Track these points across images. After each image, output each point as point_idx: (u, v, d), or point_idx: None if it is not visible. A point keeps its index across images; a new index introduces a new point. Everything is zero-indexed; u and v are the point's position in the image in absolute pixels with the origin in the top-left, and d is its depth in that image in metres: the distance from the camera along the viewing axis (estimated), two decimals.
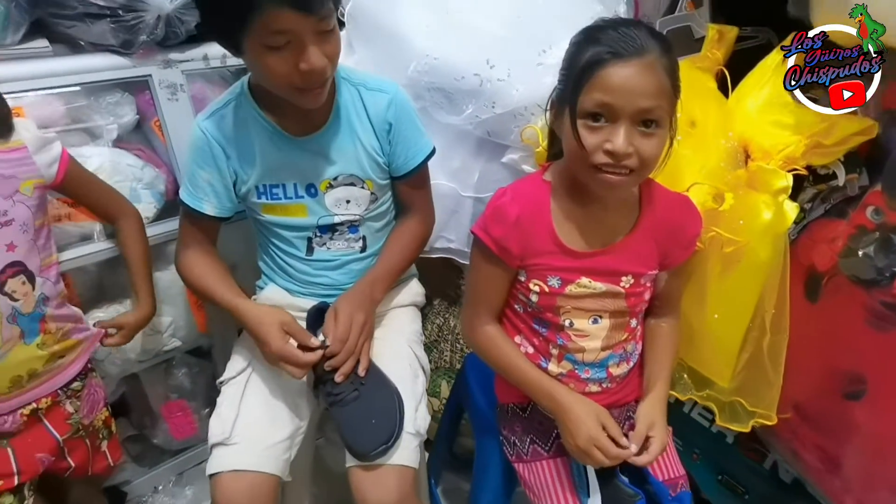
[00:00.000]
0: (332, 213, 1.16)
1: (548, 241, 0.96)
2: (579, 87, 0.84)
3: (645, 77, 0.82)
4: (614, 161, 0.84)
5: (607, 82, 0.82)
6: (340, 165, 1.13)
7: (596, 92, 0.83)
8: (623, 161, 0.84)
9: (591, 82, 0.83)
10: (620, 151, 0.83)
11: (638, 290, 0.99)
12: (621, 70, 0.82)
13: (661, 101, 0.84)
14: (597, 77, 0.83)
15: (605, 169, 0.86)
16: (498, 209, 0.96)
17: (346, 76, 1.13)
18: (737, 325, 1.05)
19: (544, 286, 0.98)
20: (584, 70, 0.84)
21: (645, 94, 0.82)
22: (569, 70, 0.88)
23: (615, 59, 0.82)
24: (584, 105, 0.84)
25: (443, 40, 1.14)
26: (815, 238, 1.03)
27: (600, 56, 0.83)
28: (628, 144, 0.83)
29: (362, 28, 1.27)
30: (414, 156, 1.16)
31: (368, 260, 1.21)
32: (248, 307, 1.08)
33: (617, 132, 0.83)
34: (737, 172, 1.03)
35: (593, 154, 0.85)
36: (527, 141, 1.13)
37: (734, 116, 1.06)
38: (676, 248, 1.00)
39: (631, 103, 0.82)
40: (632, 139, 0.84)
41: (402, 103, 1.13)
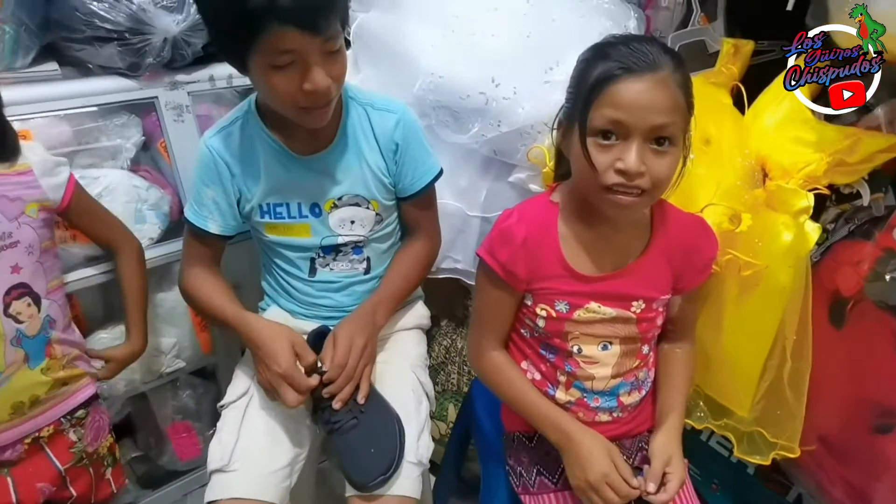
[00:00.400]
0: (336, 234, 1.12)
1: (555, 264, 0.92)
2: (589, 103, 0.80)
3: (657, 93, 0.78)
4: (626, 181, 0.80)
5: (618, 98, 0.78)
6: (345, 185, 1.10)
7: (606, 108, 0.79)
8: (635, 181, 0.80)
9: (601, 98, 0.79)
10: (632, 170, 0.79)
11: (650, 316, 0.94)
12: (633, 85, 0.77)
13: (674, 117, 0.79)
14: (607, 93, 0.78)
15: (615, 189, 0.81)
16: (504, 231, 0.92)
17: (353, 95, 1.10)
18: (756, 352, 0.99)
19: (551, 311, 0.93)
20: (595, 86, 0.79)
21: (658, 111, 0.78)
22: (578, 87, 0.84)
23: (626, 75, 0.78)
24: (595, 122, 0.80)
25: (448, 58, 1.11)
26: (839, 261, 0.97)
27: (611, 72, 0.78)
28: (640, 163, 0.79)
29: (368, 47, 1.25)
30: (421, 177, 1.12)
31: (373, 282, 1.17)
32: (259, 322, 1.05)
33: (628, 150, 0.79)
34: (754, 192, 0.97)
35: (604, 173, 0.81)
36: (533, 160, 1.09)
37: (751, 133, 1.00)
38: (691, 272, 0.95)
39: (643, 120, 0.78)
40: (644, 158, 0.79)
41: (409, 123, 1.10)
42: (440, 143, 1.19)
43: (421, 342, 1.21)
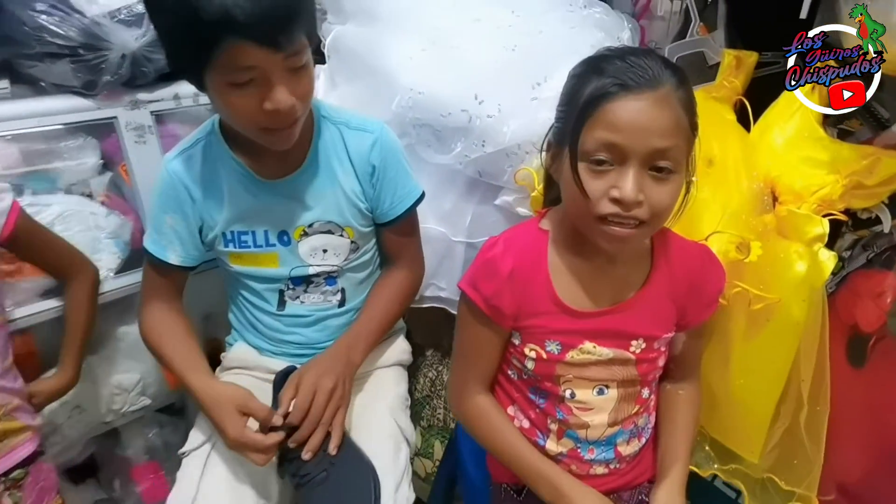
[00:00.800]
0: (307, 264, 1.02)
1: (545, 299, 0.82)
2: (581, 124, 0.71)
3: (658, 112, 0.68)
4: (621, 211, 0.70)
5: (614, 118, 0.68)
6: (317, 211, 1.00)
7: (600, 130, 0.69)
8: (631, 211, 0.70)
9: (594, 118, 0.69)
10: (629, 199, 0.69)
11: (651, 356, 0.84)
12: (631, 104, 0.68)
13: (676, 140, 0.70)
14: (601, 112, 0.69)
15: (610, 220, 0.71)
16: (488, 262, 0.82)
17: (326, 114, 1.01)
18: (768, 394, 0.89)
19: (541, 351, 0.83)
20: (587, 105, 0.70)
21: (658, 133, 0.68)
22: (568, 105, 0.75)
23: (623, 92, 0.68)
24: (587, 145, 0.71)
25: (428, 73, 1.01)
26: (857, 292, 0.87)
27: (605, 88, 0.69)
28: (638, 191, 0.69)
29: (345, 62, 1.16)
30: (400, 201, 1.02)
31: (348, 315, 1.07)
32: (201, 386, 0.93)
33: (625, 177, 0.69)
34: (763, 218, 0.87)
35: (597, 203, 0.71)
36: (521, 183, 0.99)
37: (758, 153, 0.91)
38: (696, 307, 0.85)
39: (642, 143, 0.68)
40: (642, 185, 0.69)
41: (387, 144, 1.00)
42: (422, 163, 1.09)
43: (401, 380, 1.11)
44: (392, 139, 1.01)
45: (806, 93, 0.88)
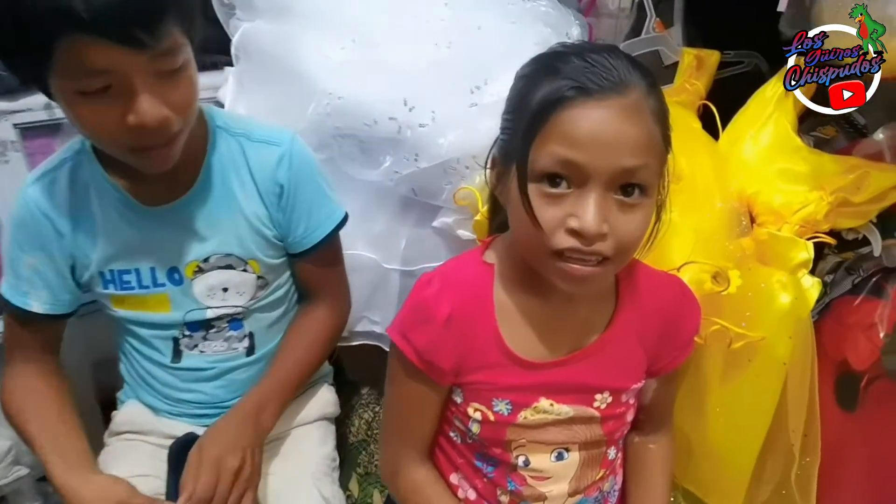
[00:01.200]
0: (204, 306, 0.83)
1: (492, 348, 0.66)
2: (530, 137, 0.56)
3: (626, 123, 0.54)
4: (581, 245, 0.55)
5: (572, 130, 0.54)
6: (213, 243, 0.81)
7: (555, 144, 0.55)
8: (594, 245, 0.55)
9: (547, 130, 0.55)
10: (590, 231, 0.54)
11: (618, 411, 0.70)
12: (592, 113, 0.54)
13: (648, 157, 0.55)
14: (556, 122, 0.55)
15: (567, 255, 0.57)
16: (420, 306, 0.66)
17: (224, 125, 0.82)
18: (749, 441, 0.76)
19: (488, 412, 0.67)
20: (538, 113, 0.55)
21: (626, 149, 0.54)
22: (515, 114, 0.60)
23: (583, 98, 0.54)
24: (538, 163, 0.56)
25: (349, 75, 0.84)
26: (845, 324, 0.76)
27: (561, 92, 0.54)
28: (601, 221, 0.55)
29: (255, 63, 0.97)
30: (317, 226, 0.85)
31: (258, 366, 0.88)
32: (70, 485, 0.72)
33: (585, 203, 0.55)
34: (741, 242, 0.75)
35: (552, 234, 0.56)
36: (461, 203, 0.84)
37: (729, 166, 0.79)
38: (669, 350, 0.71)
39: (606, 161, 0.54)
40: (607, 213, 0.55)
41: (299, 158, 0.83)
42: (347, 180, 0.92)
43: (327, 438, 0.92)
44: (304, 152, 0.84)
45: (782, 99, 0.77)
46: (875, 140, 0.77)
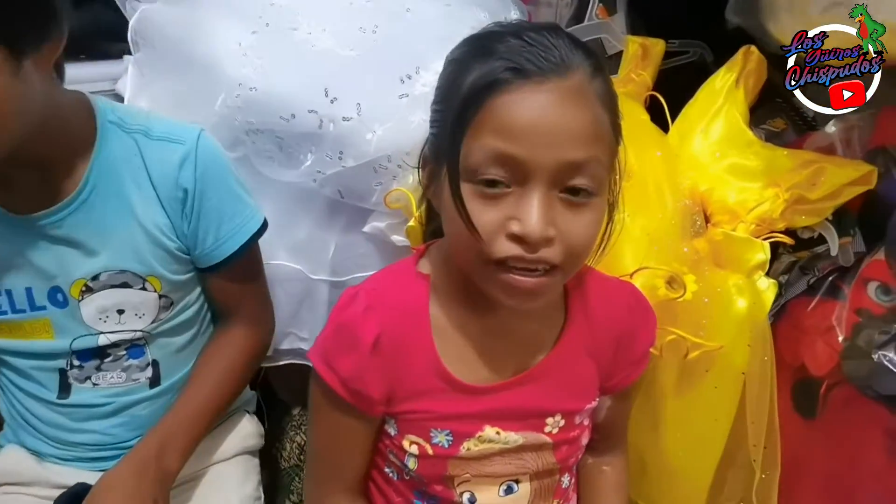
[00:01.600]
0: (96, 331, 0.71)
1: (428, 372, 0.57)
2: (462, 128, 0.48)
3: (570, 110, 0.47)
4: (525, 252, 0.48)
5: (508, 119, 0.46)
6: (104, 257, 0.69)
7: (489, 136, 0.47)
8: (539, 252, 0.48)
9: (480, 120, 0.47)
10: (534, 235, 0.47)
11: (572, 435, 0.62)
12: (531, 98, 0.46)
13: (596, 149, 0.48)
14: (490, 110, 0.47)
15: (510, 265, 0.49)
16: (344, 327, 0.56)
17: (116, 119, 0.70)
18: (706, 456, 0.71)
19: (426, 445, 0.58)
20: (469, 100, 0.47)
21: (571, 139, 0.47)
22: (445, 104, 0.52)
23: (520, 80, 0.46)
24: (472, 159, 0.48)
25: (262, 64, 0.73)
26: (801, 327, 0.71)
27: (494, 75, 0.47)
28: (547, 224, 0.47)
29: (156, 51, 0.85)
30: (230, 236, 0.73)
31: (165, 398, 0.76)
32: None
33: (527, 204, 0.47)
34: (694, 243, 0.69)
35: (490, 241, 0.48)
36: (393, 206, 0.75)
37: (680, 161, 0.73)
38: (624, 364, 0.64)
39: (549, 154, 0.46)
40: (552, 215, 0.47)
41: (205, 158, 0.71)
42: (265, 181, 0.81)
43: (249, 475, 0.80)
44: (212, 151, 0.72)
45: (731, 90, 0.72)
46: (826, 133, 0.73)
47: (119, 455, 0.72)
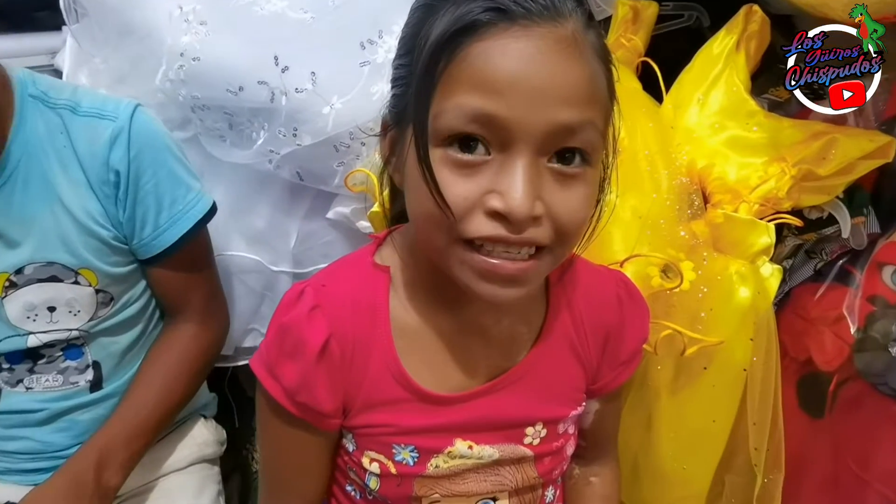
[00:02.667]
0: (24, 331, 0.62)
1: (388, 380, 0.48)
2: (430, 83, 0.38)
3: (565, 62, 0.38)
4: (507, 232, 0.38)
5: (488, 70, 0.37)
6: (27, 248, 0.60)
7: (465, 92, 0.37)
8: (524, 232, 0.39)
9: (453, 72, 0.38)
10: (519, 212, 0.38)
11: (555, 445, 0.53)
12: (516, 46, 0.37)
13: (591, 110, 0.39)
14: (466, 60, 0.37)
15: (487, 249, 0.40)
16: (288, 330, 0.47)
17: (39, 93, 0.60)
18: (704, 460, 0.63)
19: (388, 463, 0.50)
20: (440, 48, 0.38)
21: (567, 98, 0.37)
22: (410, 55, 0.41)
23: (504, 23, 0.37)
24: (444, 120, 0.38)
25: (205, 30, 0.63)
26: (807, 317, 0.63)
27: (472, 16, 0.37)
28: (534, 198, 0.38)
29: (93, 21, 0.74)
30: (171, 223, 0.64)
31: (109, 402, 0.67)
32: None
33: (510, 173, 0.38)
34: (691, 226, 0.60)
35: (464, 218, 0.39)
36: (356, 190, 0.65)
37: (676, 134, 0.64)
38: (612, 363, 0.55)
39: (538, 114, 0.37)
40: (539, 188, 0.38)
41: (140, 136, 0.61)
42: (219, 163, 0.72)
43: (206, 485, 0.71)
44: (149, 128, 0.62)
45: (732, 54, 0.62)
46: None
47: (56, 465, 0.64)
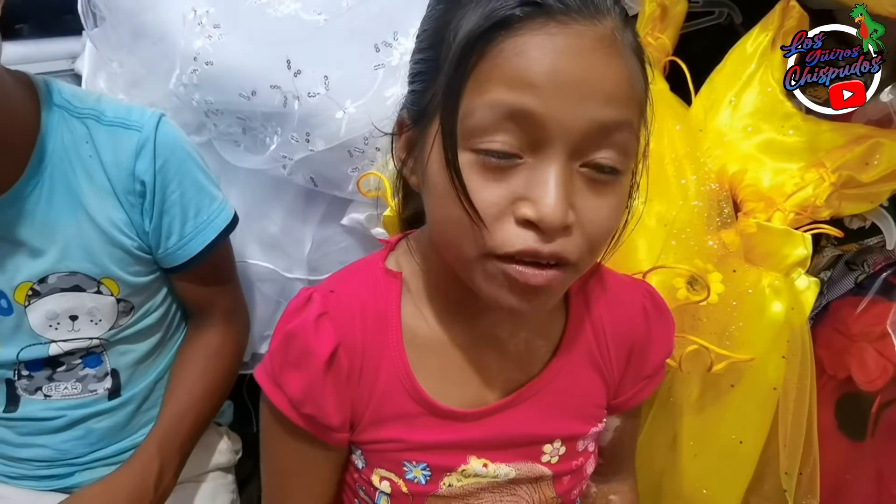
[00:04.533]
0: (46, 339, 0.64)
1: (399, 393, 0.48)
2: (461, 80, 0.37)
3: (605, 59, 0.36)
4: (539, 243, 0.37)
5: (526, 65, 0.36)
6: (51, 257, 0.62)
7: (498, 88, 0.36)
8: (554, 242, 0.37)
9: (486, 69, 0.36)
10: (553, 221, 0.36)
11: (574, 464, 0.52)
12: (555, 41, 0.36)
13: (630, 112, 0.38)
14: (500, 56, 0.36)
15: (518, 259, 0.38)
16: (293, 338, 0.46)
17: (64, 103, 0.62)
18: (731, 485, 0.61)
19: (399, 482, 0.49)
20: (472, 44, 0.36)
21: (607, 95, 0.36)
22: (434, 50, 0.40)
23: (542, 18, 0.36)
24: (475, 119, 0.37)
25: (218, 33, 0.64)
26: (848, 332, 0.60)
27: (506, 10, 0.36)
28: (567, 207, 0.37)
29: (111, 25, 0.75)
30: (196, 234, 0.65)
31: (126, 410, 0.68)
32: None
33: (543, 179, 0.37)
34: (721, 235, 0.57)
35: (494, 228, 0.38)
36: (370, 195, 0.65)
37: (705, 137, 0.62)
38: (634, 378, 0.53)
39: (578, 112, 0.36)
40: (572, 194, 0.37)
41: (165, 146, 0.62)
42: (233, 168, 0.72)
43: (220, 493, 0.72)
44: (174, 139, 0.63)
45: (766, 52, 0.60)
46: (881, 102, 0.61)
47: (71, 472, 0.67)
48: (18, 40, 0.86)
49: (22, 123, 0.59)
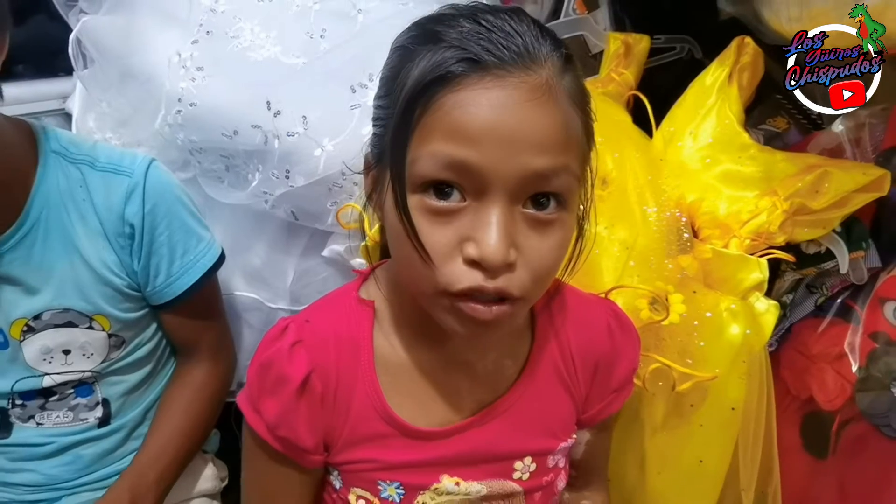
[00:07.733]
0: (40, 372, 0.70)
1: (371, 415, 0.53)
2: (406, 131, 0.43)
3: (536, 110, 0.42)
4: (484, 280, 0.43)
5: (461, 120, 0.41)
6: (46, 295, 0.68)
7: (439, 140, 0.42)
8: (497, 280, 0.43)
9: (428, 121, 0.42)
10: (494, 260, 0.42)
11: (546, 480, 0.58)
12: (489, 95, 0.41)
13: (566, 156, 0.44)
14: (440, 109, 0.42)
15: (468, 295, 0.44)
16: (269, 366, 0.52)
17: (59, 148, 0.69)
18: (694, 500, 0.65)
19: (374, 500, 0.54)
20: (415, 96, 0.43)
21: (540, 145, 0.42)
22: (388, 98, 0.47)
23: (477, 74, 0.42)
24: (419, 167, 0.43)
25: (202, 75, 0.71)
26: (809, 354, 0.65)
27: (445, 67, 0.42)
28: (508, 246, 0.42)
29: (99, 66, 0.83)
30: (182, 272, 0.71)
31: (114, 438, 0.74)
32: None
33: (485, 222, 0.42)
34: (679, 260, 0.64)
35: (443, 267, 0.44)
36: (348, 226, 0.71)
37: (665, 167, 0.68)
38: (603, 393, 0.59)
39: (511, 162, 0.42)
40: (514, 235, 0.43)
41: (154, 191, 0.69)
42: (216, 204, 0.78)
43: None
44: (163, 183, 0.70)
45: (723, 87, 0.66)
46: (833, 132, 0.67)
47: (59, 497, 0.73)
48: (12, 81, 0.94)
49: (20, 168, 0.66)
